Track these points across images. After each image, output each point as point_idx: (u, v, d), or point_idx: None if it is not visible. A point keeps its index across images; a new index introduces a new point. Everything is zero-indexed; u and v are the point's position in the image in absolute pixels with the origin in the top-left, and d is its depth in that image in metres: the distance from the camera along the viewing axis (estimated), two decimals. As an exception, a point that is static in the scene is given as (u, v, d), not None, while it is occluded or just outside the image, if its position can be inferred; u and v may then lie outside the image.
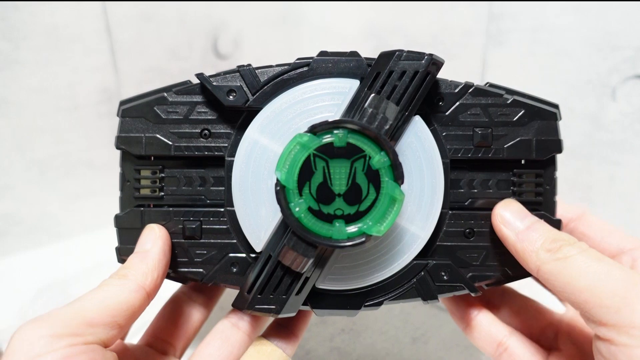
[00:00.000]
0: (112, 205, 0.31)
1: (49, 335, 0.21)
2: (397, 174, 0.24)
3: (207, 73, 0.27)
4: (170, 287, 0.31)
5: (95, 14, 0.50)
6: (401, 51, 0.26)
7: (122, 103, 0.28)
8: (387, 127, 0.25)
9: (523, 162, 0.28)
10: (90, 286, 0.26)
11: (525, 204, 0.28)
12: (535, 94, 0.29)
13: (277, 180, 0.24)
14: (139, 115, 0.28)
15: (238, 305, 0.27)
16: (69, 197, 0.54)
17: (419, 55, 0.26)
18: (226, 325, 0.29)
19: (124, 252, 0.28)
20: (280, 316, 0.27)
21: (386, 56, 0.26)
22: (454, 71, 0.30)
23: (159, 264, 0.26)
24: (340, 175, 0.24)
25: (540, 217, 0.27)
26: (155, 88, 0.28)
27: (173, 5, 0.55)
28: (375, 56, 0.27)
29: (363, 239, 0.24)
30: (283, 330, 0.29)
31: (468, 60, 0.53)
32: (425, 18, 0.56)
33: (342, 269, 0.27)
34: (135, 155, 0.28)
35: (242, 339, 0.28)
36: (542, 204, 0.28)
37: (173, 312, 0.30)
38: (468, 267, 0.28)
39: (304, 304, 0.27)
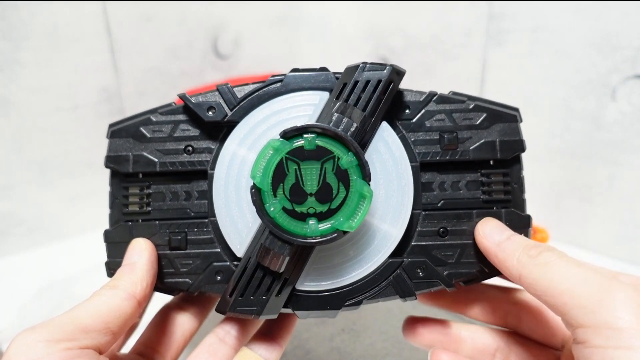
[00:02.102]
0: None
1: (46, 340, 0.22)
2: (365, 172, 0.26)
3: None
4: (163, 297, 0.32)
5: (95, 14, 0.50)
6: (365, 63, 0.28)
7: (111, 126, 0.30)
8: (352, 129, 0.27)
9: (491, 162, 0.30)
10: (91, 286, 0.27)
11: (495, 202, 0.30)
12: (535, 94, 0.30)
13: (253, 183, 0.25)
14: (126, 135, 0.30)
15: (220, 309, 0.28)
16: (69, 197, 0.54)
17: (381, 66, 0.28)
18: (213, 339, 0.29)
19: (113, 266, 0.29)
20: (261, 318, 0.27)
21: (351, 69, 0.28)
22: (454, 71, 0.30)
23: (147, 274, 0.27)
24: (312, 176, 0.26)
25: (510, 214, 0.29)
26: (143, 111, 0.30)
27: (173, 5, 0.55)
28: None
29: (335, 235, 0.25)
30: (266, 339, 0.29)
31: (468, 60, 0.53)
32: (425, 18, 0.56)
33: (320, 270, 0.28)
34: (123, 173, 0.29)
35: (229, 353, 0.29)
36: (511, 202, 0.30)
37: (164, 322, 0.31)
38: (444, 265, 0.29)
39: (285, 306, 0.28)
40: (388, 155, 0.29)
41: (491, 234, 0.28)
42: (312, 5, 0.65)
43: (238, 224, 0.28)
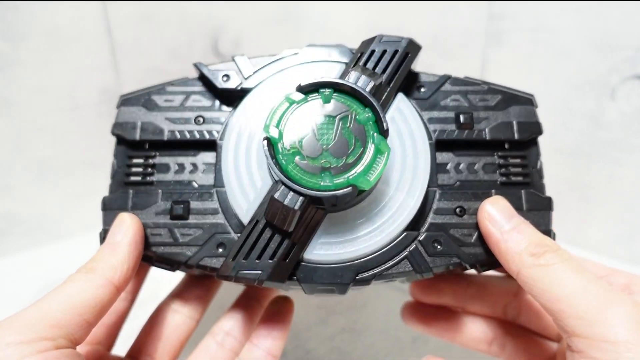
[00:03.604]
0: (112, 205, 0.31)
1: (16, 343, 0.20)
2: (382, 127, 0.25)
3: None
4: (155, 297, 0.31)
5: (96, 14, 0.50)
6: (381, 35, 0.28)
7: (123, 96, 0.30)
8: (370, 86, 0.26)
9: (507, 146, 0.29)
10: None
11: (514, 185, 0.28)
12: (535, 94, 0.30)
13: (266, 135, 0.25)
14: (137, 103, 0.29)
15: (222, 273, 0.26)
16: (69, 197, 0.54)
17: (398, 38, 0.28)
18: (211, 343, 0.29)
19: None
20: (266, 285, 0.26)
21: (368, 41, 0.28)
22: (454, 71, 0.31)
23: (129, 257, 0.25)
24: (328, 130, 0.25)
25: (530, 194, 0.28)
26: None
27: (173, 5, 0.55)
28: None
29: (350, 189, 0.24)
30: (268, 328, 0.29)
31: (468, 60, 0.53)
32: (425, 18, 0.56)
33: (331, 239, 0.27)
34: (129, 140, 0.29)
35: (229, 356, 0.29)
36: (529, 184, 0.28)
37: (158, 325, 0.30)
38: (462, 245, 0.27)
39: (291, 277, 0.26)
40: (404, 125, 0.28)
41: (498, 218, 0.26)
42: (312, 5, 0.65)
43: (246, 191, 0.27)
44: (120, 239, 0.26)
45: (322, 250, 0.26)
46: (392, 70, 0.27)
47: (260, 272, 0.25)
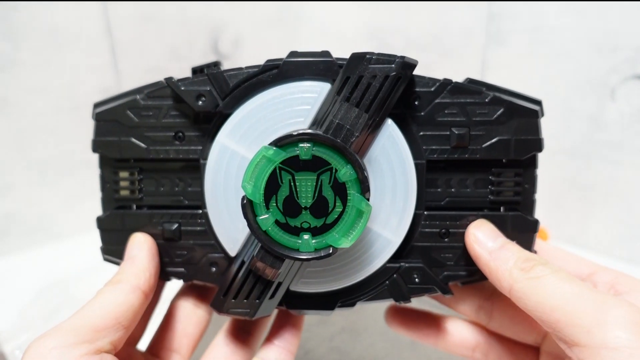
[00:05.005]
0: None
1: (61, 347, 0.21)
2: (364, 188, 0.24)
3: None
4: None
5: (96, 14, 0.50)
6: (371, 54, 0.25)
7: (96, 106, 0.28)
8: (353, 139, 0.24)
9: (504, 160, 0.28)
10: (91, 286, 0.27)
11: (503, 203, 0.28)
12: (535, 94, 0.29)
13: (244, 194, 0.24)
14: (112, 118, 0.28)
15: (215, 307, 0.27)
16: (69, 197, 0.54)
17: (389, 59, 0.25)
18: (228, 338, 0.29)
19: (108, 252, 0.29)
20: (255, 318, 0.27)
21: (356, 58, 0.25)
22: (454, 71, 0.30)
23: (148, 265, 0.27)
24: (307, 189, 0.24)
25: (517, 218, 0.27)
26: (128, 90, 0.28)
27: (173, 5, 0.55)
28: None
29: (329, 251, 0.24)
30: (276, 344, 0.29)
31: (468, 60, 0.53)
32: (425, 18, 0.56)
33: (315, 273, 0.27)
34: (111, 158, 0.28)
35: (247, 352, 0.29)
36: (520, 204, 0.28)
37: (176, 320, 0.30)
38: (443, 267, 0.28)
39: (280, 304, 0.28)
40: (393, 157, 0.26)
41: (484, 240, 0.27)
42: (312, 5, 0.65)
43: (230, 221, 0.27)
44: (137, 252, 0.27)
45: (307, 284, 0.27)
46: (381, 100, 0.25)
47: (248, 310, 0.27)
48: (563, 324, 0.22)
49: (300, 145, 0.24)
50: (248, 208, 0.24)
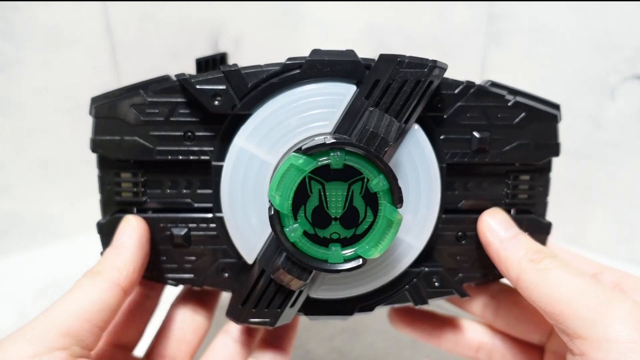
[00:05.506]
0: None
1: (30, 356, 0.20)
2: (397, 198, 0.23)
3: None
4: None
5: (96, 14, 0.50)
6: (402, 57, 0.24)
7: (95, 101, 0.26)
8: (387, 148, 0.23)
9: (517, 164, 0.28)
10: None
11: (518, 205, 0.28)
12: (535, 94, 0.29)
13: (271, 204, 0.23)
14: (114, 115, 0.25)
15: (233, 317, 0.26)
16: (69, 197, 0.54)
17: (421, 63, 0.24)
18: (227, 340, 0.29)
19: None
20: (275, 327, 0.26)
21: (386, 61, 0.24)
22: (454, 71, 0.30)
23: (134, 257, 0.25)
24: (337, 199, 0.23)
25: (531, 221, 0.28)
26: (131, 84, 0.26)
27: (174, 5, 0.55)
28: (374, 57, 0.25)
29: (359, 263, 0.23)
30: (273, 346, 0.28)
31: (468, 61, 0.53)
32: (425, 18, 0.56)
33: (335, 279, 0.27)
34: (112, 159, 0.26)
35: (246, 353, 0.29)
36: (534, 206, 0.28)
37: (174, 327, 0.29)
38: (459, 269, 0.28)
39: (298, 311, 0.27)
40: (418, 164, 0.26)
41: (497, 228, 0.27)
42: (312, 5, 0.65)
43: (248, 226, 0.26)
44: (125, 240, 0.26)
45: (327, 291, 0.27)
46: (410, 107, 0.24)
47: (268, 319, 0.26)
48: (567, 316, 0.22)
49: (332, 154, 0.22)
50: (275, 219, 0.23)
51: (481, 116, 0.26)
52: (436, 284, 0.28)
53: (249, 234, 0.26)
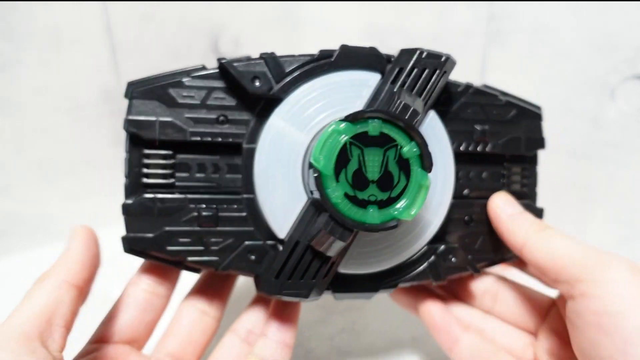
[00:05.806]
0: (112, 205, 0.31)
1: None
2: (426, 163, 0.26)
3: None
4: (178, 298, 0.31)
5: (96, 14, 0.50)
6: (422, 50, 0.28)
7: (132, 84, 0.27)
8: (417, 118, 0.27)
9: (507, 156, 0.32)
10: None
11: (513, 193, 0.31)
12: (535, 94, 0.32)
13: (314, 167, 0.25)
14: (151, 97, 0.27)
15: (266, 290, 0.27)
16: (69, 197, 0.54)
17: (438, 54, 0.28)
18: (235, 340, 0.29)
19: (132, 243, 0.27)
20: (307, 300, 0.27)
21: (407, 53, 0.28)
22: (455, 71, 0.31)
23: (82, 255, 0.26)
24: (374, 163, 0.26)
25: (527, 205, 0.31)
26: (169, 71, 0.28)
27: (174, 5, 0.55)
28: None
29: (395, 223, 0.26)
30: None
31: (468, 61, 0.53)
32: (425, 18, 0.56)
33: (362, 254, 0.28)
34: (145, 139, 0.27)
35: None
36: (527, 194, 0.32)
37: (183, 326, 0.29)
38: (468, 251, 0.31)
39: (326, 289, 0.28)
40: (436, 145, 0.29)
41: (504, 206, 0.30)
42: (312, 6, 0.65)
43: (281, 204, 0.27)
44: (72, 243, 0.26)
45: (353, 266, 0.28)
46: (430, 90, 0.28)
47: (302, 290, 0.27)
48: (569, 266, 0.26)
49: (370, 122, 0.25)
50: (319, 180, 0.25)
51: (480, 112, 0.31)
52: (453, 259, 0.30)
53: (281, 211, 0.27)
